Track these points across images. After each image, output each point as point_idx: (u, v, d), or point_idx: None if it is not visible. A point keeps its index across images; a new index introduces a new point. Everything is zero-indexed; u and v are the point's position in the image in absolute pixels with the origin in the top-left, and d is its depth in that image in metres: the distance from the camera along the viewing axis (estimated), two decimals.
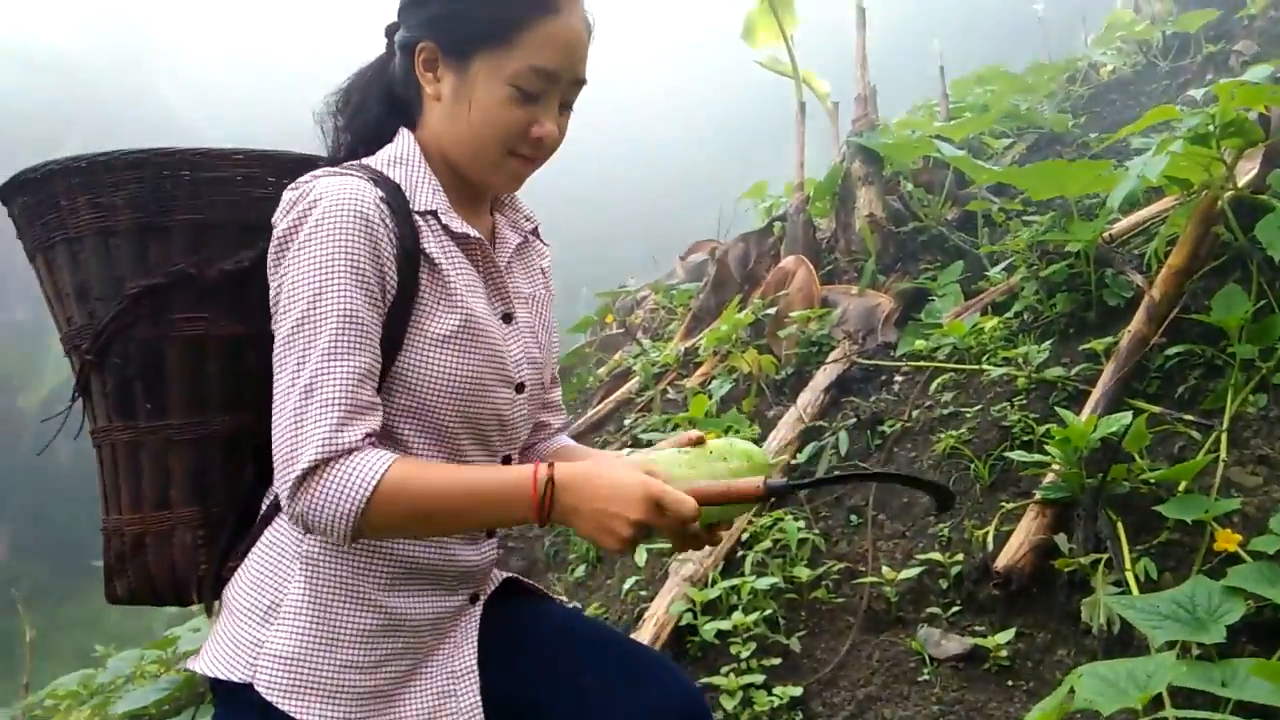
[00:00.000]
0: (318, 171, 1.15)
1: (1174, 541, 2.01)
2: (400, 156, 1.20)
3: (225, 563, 1.22)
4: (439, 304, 1.15)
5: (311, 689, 1.11)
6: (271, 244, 1.13)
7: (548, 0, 1.15)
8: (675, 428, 3.32)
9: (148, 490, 1.24)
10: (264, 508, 1.22)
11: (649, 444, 3.35)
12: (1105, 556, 2.00)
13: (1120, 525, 2.06)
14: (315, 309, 1.07)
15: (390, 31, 1.26)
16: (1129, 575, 1.94)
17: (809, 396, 3.14)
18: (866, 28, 4.23)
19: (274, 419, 1.07)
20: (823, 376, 3.22)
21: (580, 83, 1.21)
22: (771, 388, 3.42)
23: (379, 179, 1.15)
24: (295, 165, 1.25)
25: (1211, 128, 2.35)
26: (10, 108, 21.31)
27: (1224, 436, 2.10)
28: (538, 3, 1.14)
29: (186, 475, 1.23)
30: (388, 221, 1.12)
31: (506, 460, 1.26)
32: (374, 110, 1.25)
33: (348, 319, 1.07)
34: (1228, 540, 1.83)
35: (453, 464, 1.15)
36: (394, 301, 1.12)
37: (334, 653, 1.13)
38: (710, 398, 3.41)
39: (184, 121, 24.13)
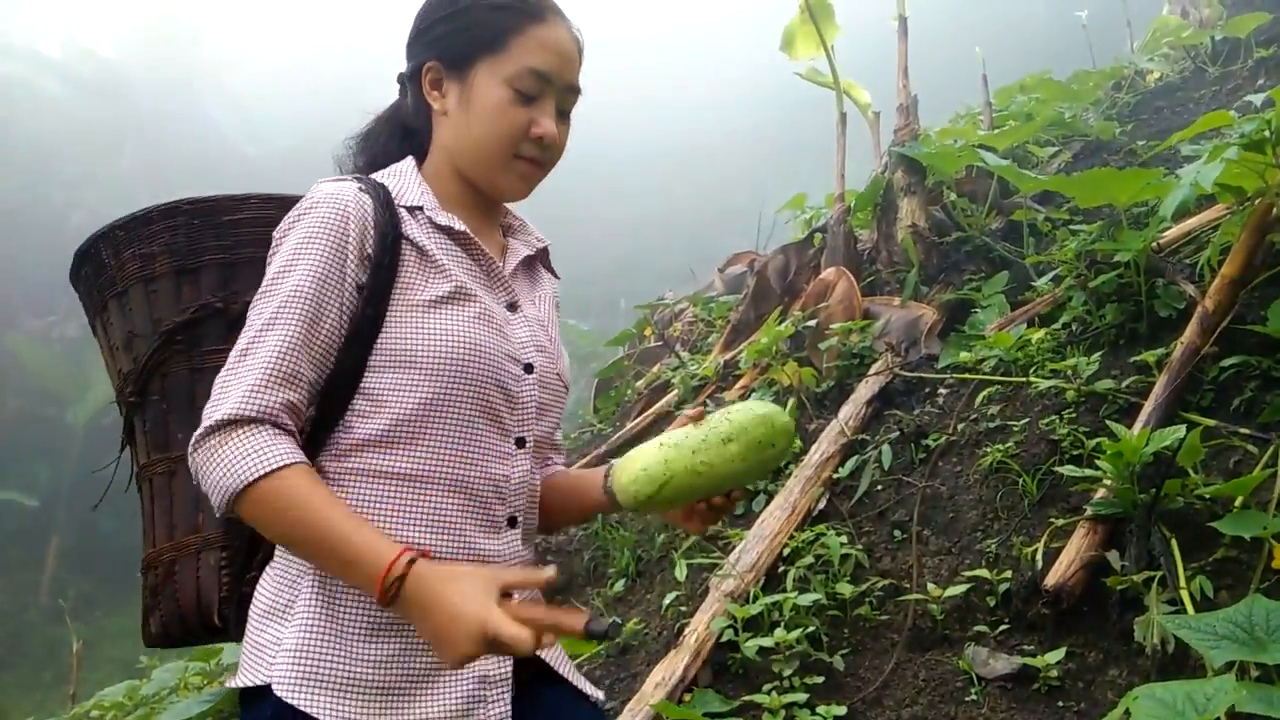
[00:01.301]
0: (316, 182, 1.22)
1: (1230, 559, 1.95)
2: (394, 170, 1.27)
3: (244, 578, 1.23)
4: (427, 278, 1.19)
5: (322, 683, 1.09)
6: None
7: (534, 10, 1.25)
8: None
9: (180, 516, 1.29)
10: None
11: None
12: (1159, 574, 1.95)
13: (1174, 542, 2.00)
14: (271, 286, 1.14)
15: (402, 78, 1.33)
16: (1184, 593, 1.88)
17: (850, 409, 3.10)
18: (908, 37, 4.19)
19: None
20: (864, 389, 3.18)
21: (575, 90, 1.28)
22: (812, 400, 3.39)
23: (367, 181, 1.22)
24: None
25: (1267, 133, 2.29)
26: (59, 126, 21.89)
27: None
28: (525, 12, 1.24)
29: None
30: (367, 210, 1.17)
31: (520, 442, 1.24)
32: (386, 146, 1.32)
33: (295, 293, 1.13)
34: None
35: (340, 506, 1.08)
36: (372, 280, 1.16)
37: (342, 646, 1.11)
38: None
39: (229, 141, 24.64)
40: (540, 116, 1.24)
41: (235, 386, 1.08)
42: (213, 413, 1.08)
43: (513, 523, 1.23)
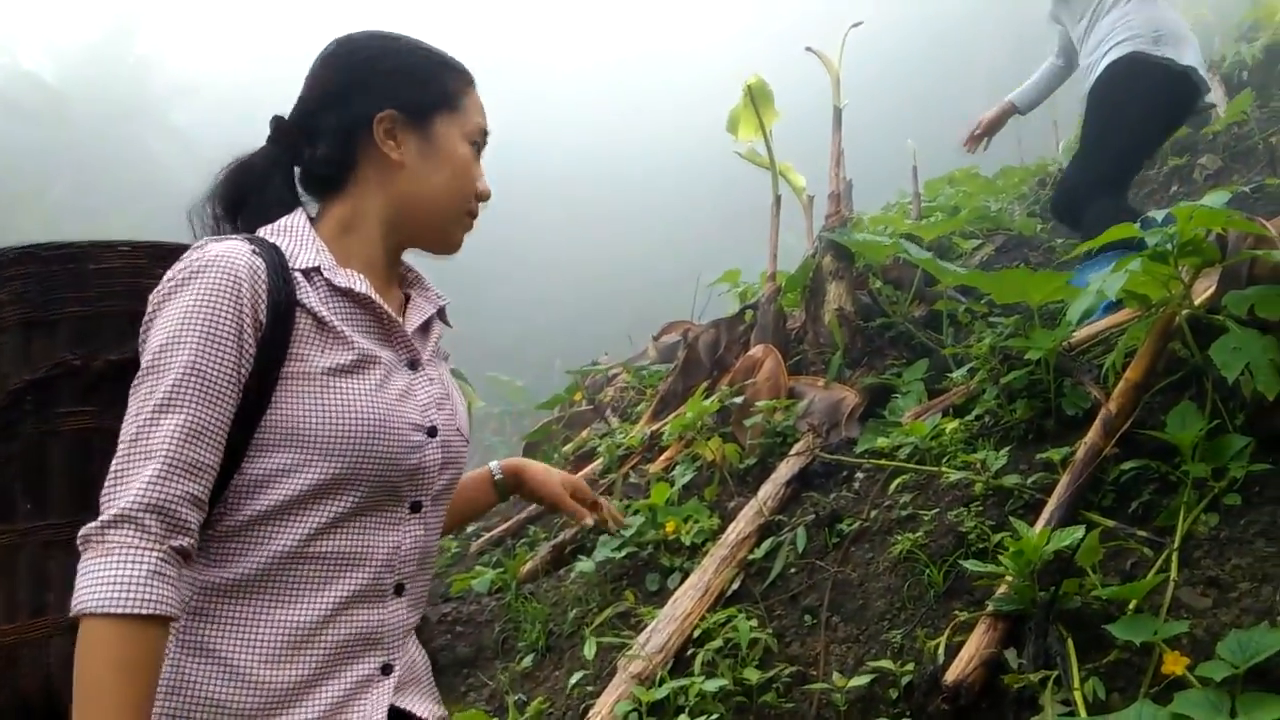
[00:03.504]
0: (200, 241, 1.16)
1: (1123, 661, 1.98)
2: (283, 227, 1.22)
3: None
4: (325, 346, 1.15)
5: None
6: (147, 310, 1.12)
7: (470, 74, 1.34)
8: (636, 513, 3.29)
9: (23, 596, 1.16)
10: None
11: (605, 532, 3.33)
12: (1054, 674, 1.97)
13: (1070, 642, 2.03)
14: (161, 359, 1.06)
15: (284, 125, 1.29)
16: (1077, 695, 1.91)
17: (770, 489, 3.12)
18: (843, 127, 4.32)
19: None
20: (785, 469, 3.21)
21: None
22: (735, 477, 3.40)
23: (258, 242, 1.17)
24: (182, 253, 1.22)
25: (1170, 247, 2.40)
26: None
27: (1175, 556, 2.09)
28: (467, 76, 1.33)
29: (65, 579, 1.12)
30: (260, 275, 1.12)
31: (416, 507, 1.21)
32: (277, 195, 1.26)
33: (190, 371, 1.06)
34: (1175, 663, 1.81)
35: (141, 694, 0.98)
36: (262, 351, 1.10)
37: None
38: (672, 485, 3.39)
39: (168, 172, 24.23)
40: (481, 174, 1.31)
41: (133, 478, 1.01)
42: (108, 506, 1.01)
43: (399, 590, 1.20)
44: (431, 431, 1.21)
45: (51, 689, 1.15)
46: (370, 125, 1.23)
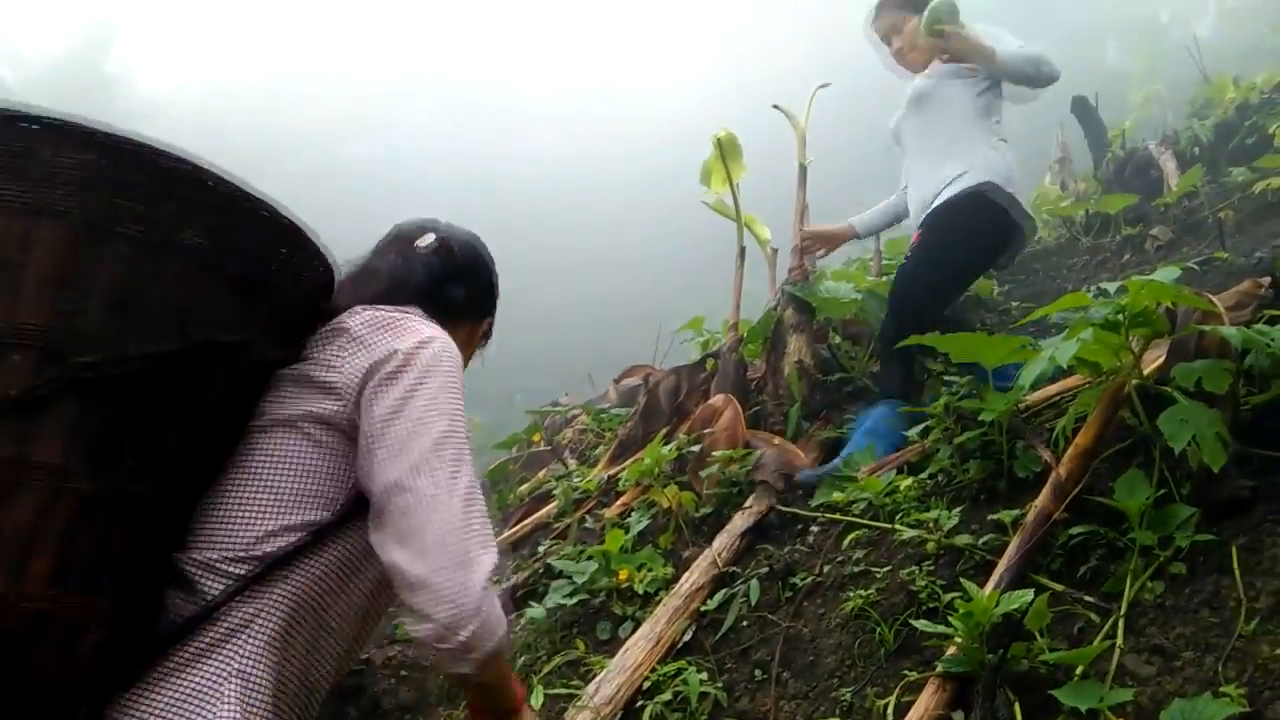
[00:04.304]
0: (413, 316, 1.40)
1: None
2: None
3: None
4: None
5: None
6: (382, 355, 1.28)
7: None
8: (589, 558, 3.27)
9: (82, 564, 1.02)
10: None
11: (560, 574, 3.30)
12: None
13: (1017, 706, 2.04)
14: (456, 428, 1.26)
15: (432, 248, 1.60)
16: None
17: (725, 540, 3.12)
18: (806, 184, 4.39)
19: (422, 503, 1.16)
20: (740, 520, 3.21)
21: None
22: (690, 525, 3.40)
23: None
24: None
25: (1121, 318, 2.46)
26: None
27: (1121, 622, 2.12)
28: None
29: (127, 561, 1.07)
30: None
31: None
32: (415, 292, 1.51)
33: (465, 438, 1.31)
34: None
35: None
36: None
37: None
38: (627, 531, 3.37)
39: None
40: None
41: (484, 547, 1.17)
42: (483, 556, 1.16)
43: None
44: None
45: (70, 682, 1.01)
46: (482, 320, 1.71)
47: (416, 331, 1.33)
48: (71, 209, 1.02)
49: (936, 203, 3.53)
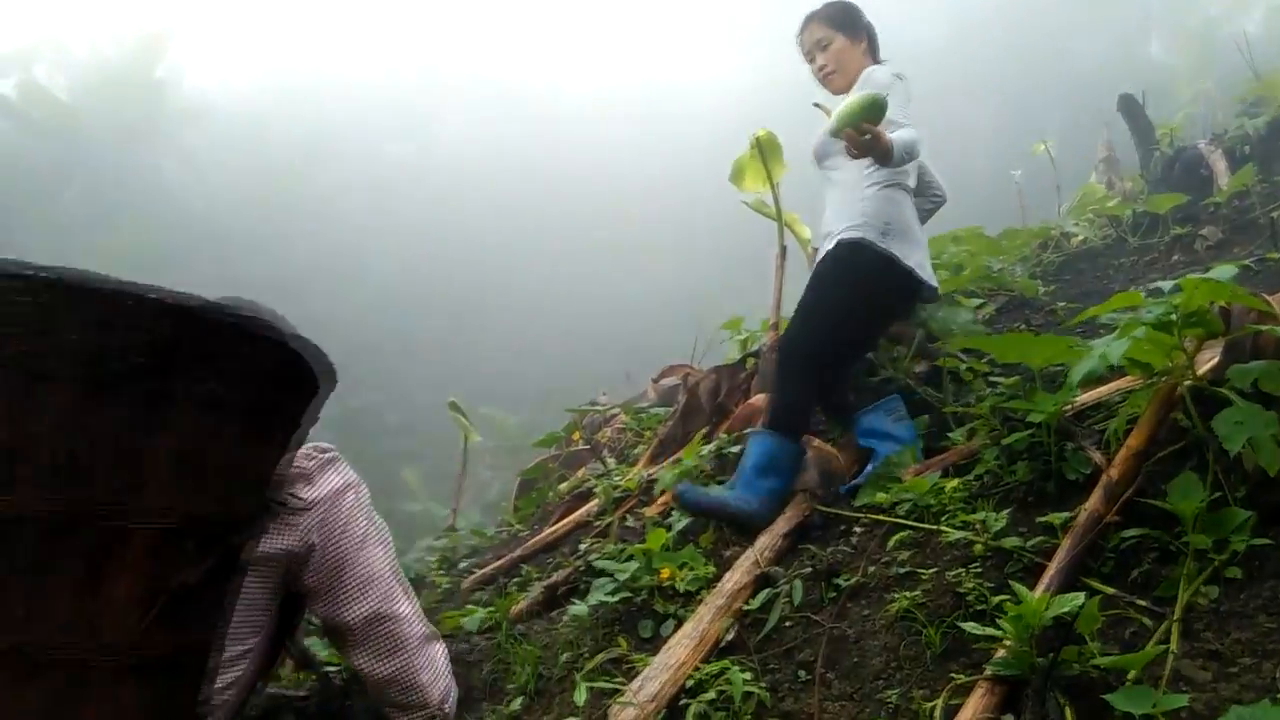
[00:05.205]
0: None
1: None
2: None
3: None
4: None
5: None
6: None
7: None
8: (630, 558, 3.27)
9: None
10: None
11: (602, 572, 3.31)
12: None
13: (1069, 710, 2.01)
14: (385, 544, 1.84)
15: None
16: None
17: (767, 540, 3.11)
18: None
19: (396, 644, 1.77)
20: (782, 521, 3.20)
21: None
22: (732, 526, 3.39)
23: None
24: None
25: (1174, 318, 2.42)
26: (4, 165, 21.43)
27: (1175, 627, 2.09)
28: None
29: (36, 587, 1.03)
30: None
31: None
32: None
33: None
34: None
35: None
36: None
37: None
38: (669, 530, 3.37)
39: (175, 192, 24.34)
40: None
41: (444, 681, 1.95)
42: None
43: None
44: None
45: None
46: None
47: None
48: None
49: (825, 248, 3.50)
